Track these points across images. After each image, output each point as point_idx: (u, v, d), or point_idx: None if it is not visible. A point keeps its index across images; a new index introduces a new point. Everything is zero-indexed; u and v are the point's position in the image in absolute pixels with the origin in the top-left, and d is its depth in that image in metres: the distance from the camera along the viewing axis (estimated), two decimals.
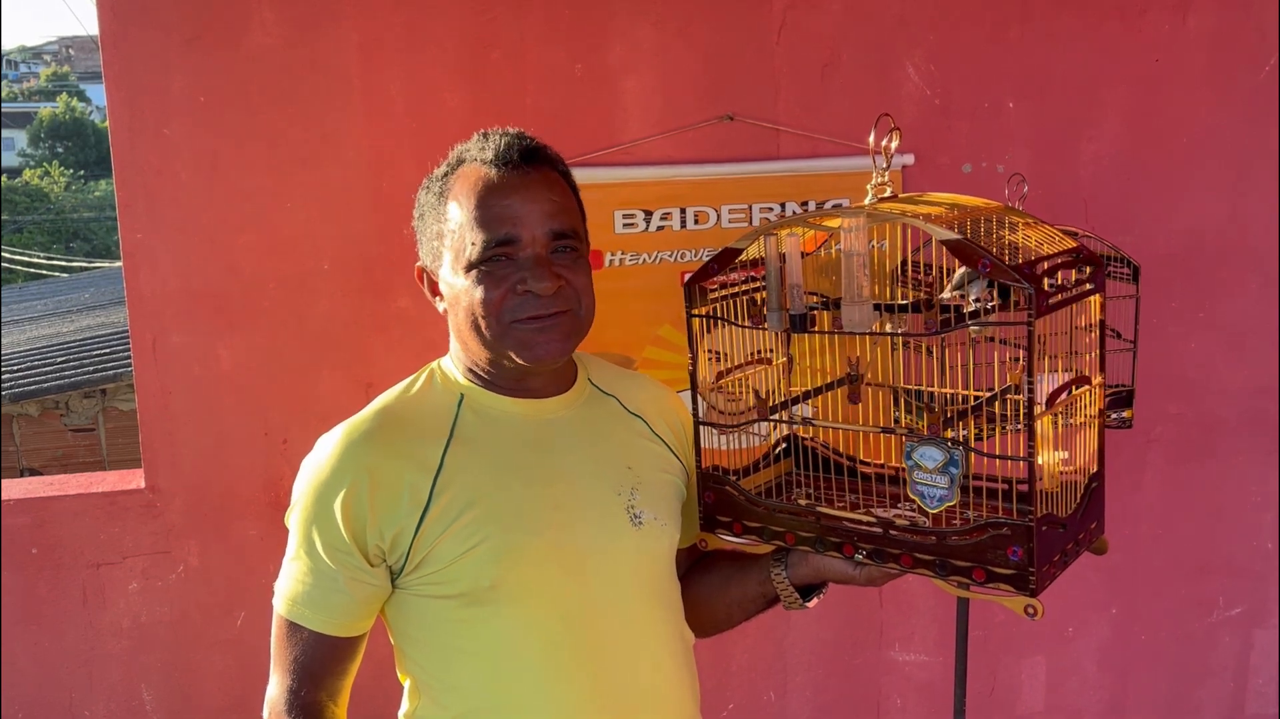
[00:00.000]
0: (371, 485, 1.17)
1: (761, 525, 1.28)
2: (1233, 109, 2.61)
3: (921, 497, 1.17)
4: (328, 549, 1.18)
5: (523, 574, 1.19)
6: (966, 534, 1.15)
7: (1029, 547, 1.11)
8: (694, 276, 1.28)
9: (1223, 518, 2.81)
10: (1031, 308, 1.07)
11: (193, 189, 2.18)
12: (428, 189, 1.27)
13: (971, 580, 1.15)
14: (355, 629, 1.22)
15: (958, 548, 1.15)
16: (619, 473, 1.28)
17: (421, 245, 1.28)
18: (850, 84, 2.41)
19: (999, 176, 2.47)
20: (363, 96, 2.22)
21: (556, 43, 2.28)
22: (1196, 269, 2.66)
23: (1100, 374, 1.25)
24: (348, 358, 2.28)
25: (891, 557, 1.19)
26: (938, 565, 1.16)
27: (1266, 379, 2.76)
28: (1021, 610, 1.14)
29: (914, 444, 1.17)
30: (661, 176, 2.33)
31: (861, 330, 1.18)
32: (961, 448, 1.15)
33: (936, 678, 2.67)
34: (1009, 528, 1.12)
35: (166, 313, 2.19)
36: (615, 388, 1.36)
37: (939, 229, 1.11)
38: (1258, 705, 2.93)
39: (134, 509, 2.23)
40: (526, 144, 1.23)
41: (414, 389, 1.28)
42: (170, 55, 2.14)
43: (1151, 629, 2.83)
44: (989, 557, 1.13)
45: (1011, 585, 1.13)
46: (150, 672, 2.30)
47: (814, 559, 1.26)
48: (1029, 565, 1.11)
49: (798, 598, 1.32)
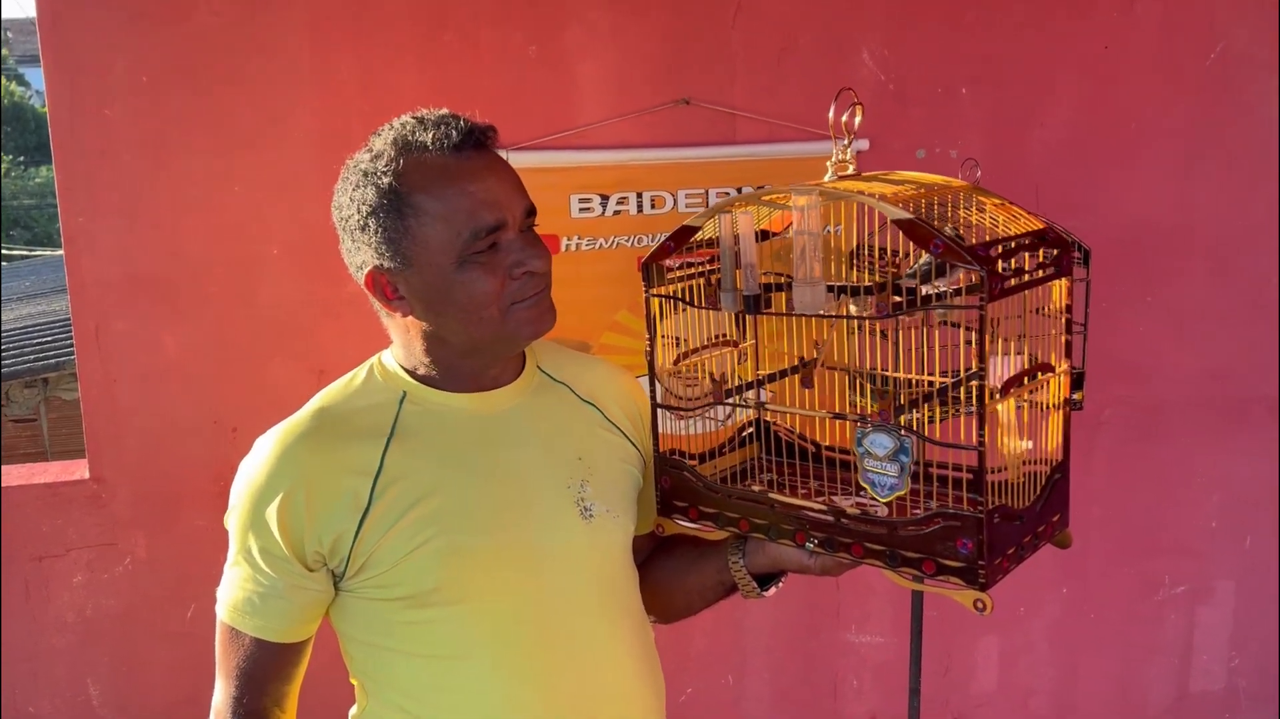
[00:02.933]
0: (308, 491, 1.14)
1: (717, 511, 1.26)
2: (1181, 95, 2.64)
3: (872, 485, 1.14)
4: (265, 556, 1.15)
5: (468, 575, 1.16)
6: (917, 525, 1.11)
7: (979, 539, 1.07)
8: (651, 255, 1.25)
9: (1169, 499, 2.86)
10: (984, 290, 1.03)
11: (136, 172, 2.12)
12: (366, 185, 1.15)
13: (921, 573, 1.12)
14: (298, 635, 1.19)
15: (908, 539, 1.12)
16: (569, 465, 1.25)
17: (367, 246, 1.16)
18: (806, 69, 2.41)
19: (953, 162, 2.48)
20: (312, 77, 2.18)
21: (510, 24, 2.25)
22: (1145, 254, 2.70)
23: (1065, 361, 1.21)
24: (298, 344, 2.24)
25: (843, 546, 1.16)
26: (888, 556, 1.13)
27: (1213, 363, 2.81)
28: (971, 605, 1.10)
29: (864, 431, 1.13)
30: (618, 161, 2.31)
31: (813, 312, 1.15)
32: (912, 435, 1.11)
33: (892, 659, 2.69)
34: (959, 519, 1.08)
35: (109, 300, 2.14)
36: (566, 374, 1.32)
37: (892, 208, 1.08)
38: (1204, 682, 3.00)
39: (78, 500, 2.18)
40: (474, 126, 1.18)
41: (353, 386, 1.23)
42: (112, 34, 2.08)
43: (1101, 608, 2.87)
44: (939, 548, 1.10)
45: (961, 579, 1.10)
46: (97, 666, 2.25)
47: (771, 548, 1.24)
48: (979, 559, 1.08)
49: (755, 587, 1.30)
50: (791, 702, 2.71)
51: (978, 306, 1.04)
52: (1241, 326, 2.81)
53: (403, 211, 1.13)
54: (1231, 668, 3.00)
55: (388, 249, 1.15)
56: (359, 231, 1.16)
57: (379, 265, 1.16)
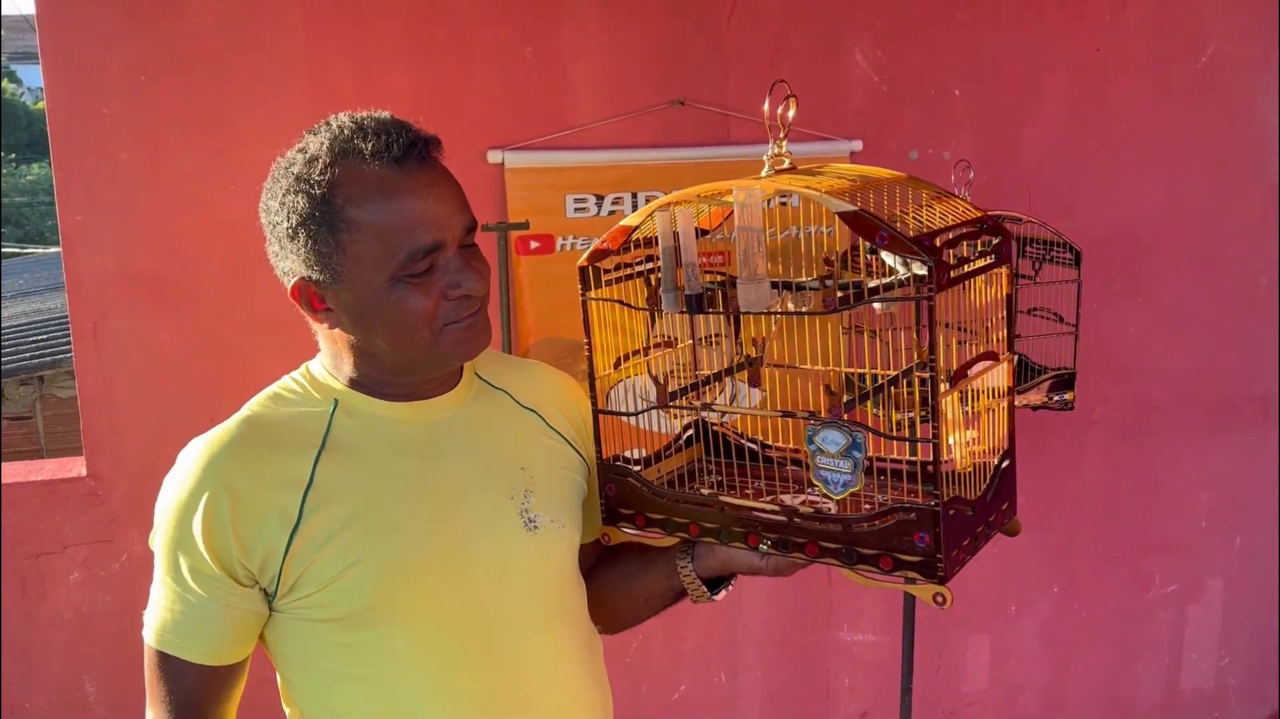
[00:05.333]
0: (233, 503, 1.07)
1: (665, 517, 1.22)
2: (1171, 96, 2.66)
3: (825, 482, 1.11)
4: (194, 574, 1.08)
5: (406, 593, 1.10)
6: (872, 520, 1.09)
7: (936, 532, 1.05)
8: (588, 257, 1.21)
9: (1159, 497, 2.88)
10: (931, 281, 1.00)
11: (132, 170, 2.13)
12: (298, 192, 1.07)
13: (878, 569, 1.09)
14: (233, 656, 1.12)
15: (864, 535, 1.09)
16: (511, 475, 1.19)
17: (294, 255, 1.09)
18: (800, 70, 2.42)
19: (945, 163, 2.50)
20: (307, 75, 2.19)
21: (506, 23, 2.26)
22: (1135, 254, 2.72)
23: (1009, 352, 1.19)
24: (293, 341, 2.21)
25: (797, 546, 1.13)
26: (844, 554, 1.11)
27: (1202, 362, 2.83)
28: (930, 599, 1.07)
29: (814, 428, 1.10)
30: (613, 161, 2.32)
31: (758, 310, 1.12)
32: (864, 430, 1.08)
33: (884, 657, 2.71)
34: (915, 513, 1.06)
35: (107, 297, 2.14)
36: (506, 381, 1.27)
37: (835, 201, 1.05)
38: (1193, 679, 3.02)
39: (75, 497, 2.19)
40: (417, 137, 1.10)
41: (282, 394, 1.17)
42: (109, 32, 2.08)
43: (1091, 607, 2.89)
44: (895, 543, 1.07)
45: (919, 573, 1.07)
46: (93, 663, 2.25)
47: (721, 551, 1.21)
48: (937, 552, 1.05)
49: (705, 591, 1.26)
50: (784, 700, 2.73)
51: (926, 298, 1.01)
52: (1231, 326, 2.83)
53: (335, 225, 1.06)
54: (1221, 666, 3.03)
55: (317, 261, 1.08)
56: (287, 239, 1.09)
57: (307, 277, 1.09)
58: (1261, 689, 3.07)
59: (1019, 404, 2.13)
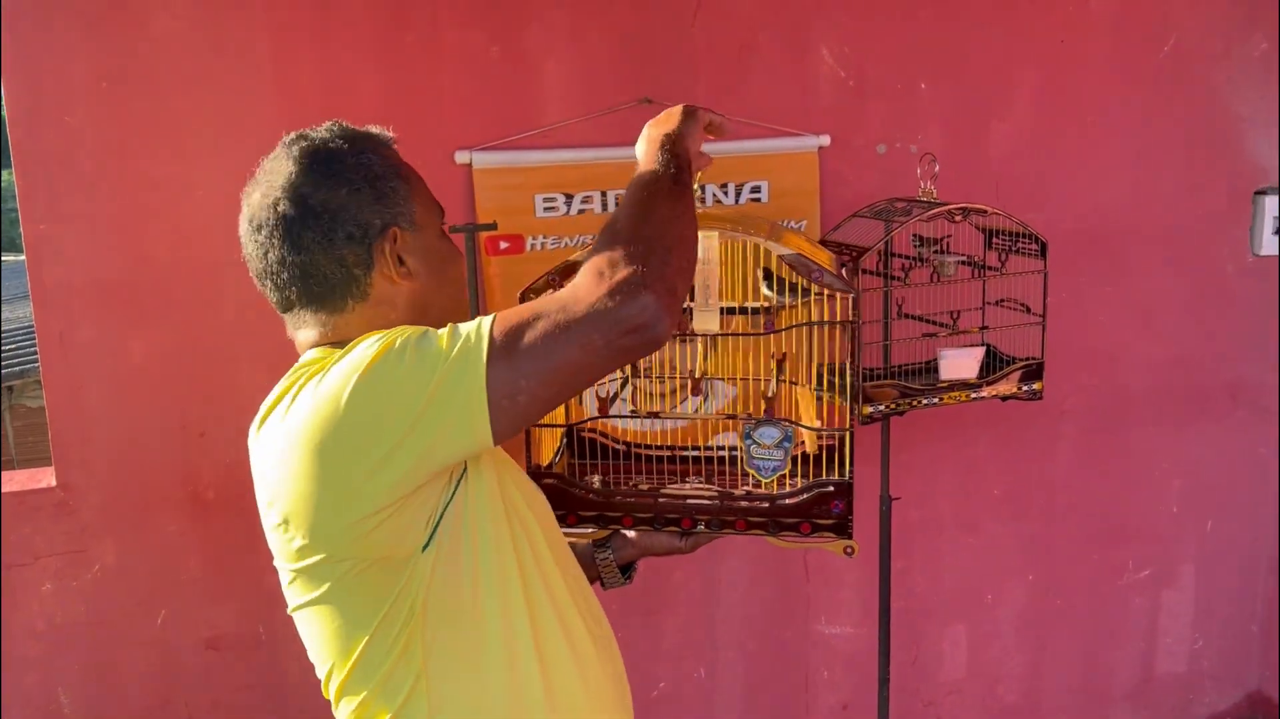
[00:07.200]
0: None
1: (597, 514, 1.40)
2: (1137, 86, 2.69)
3: (758, 469, 1.38)
4: None
5: None
6: (796, 495, 1.38)
7: (849, 500, 1.37)
8: (528, 288, 1.40)
9: (1132, 485, 2.91)
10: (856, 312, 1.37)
11: (97, 178, 2.11)
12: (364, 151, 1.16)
13: (799, 534, 1.38)
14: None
15: (787, 508, 1.38)
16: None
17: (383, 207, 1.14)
18: (767, 66, 2.43)
19: (912, 157, 2.51)
20: (274, 80, 2.18)
21: (472, 24, 2.26)
22: (1106, 244, 2.74)
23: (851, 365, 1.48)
24: (265, 347, 2.22)
25: (728, 524, 1.38)
26: (770, 525, 1.38)
27: (1172, 350, 2.86)
28: (841, 551, 1.39)
29: (751, 426, 1.38)
30: (582, 160, 2.32)
31: (712, 332, 1.38)
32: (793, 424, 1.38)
33: (862, 649, 2.72)
34: (834, 486, 1.37)
35: (74, 306, 2.13)
36: None
37: (777, 246, 1.33)
38: (1168, 664, 3.05)
39: (46, 508, 2.17)
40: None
41: None
42: (71, 39, 2.06)
43: (1066, 594, 2.92)
44: (814, 511, 1.37)
45: (833, 533, 1.39)
46: (67, 674, 2.24)
47: (642, 539, 1.38)
48: (849, 515, 1.38)
49: (620, 577, 1.43)
50: (764, 694, 2.74)
51: (853, 322, 1.39)
52: (1201, 314, 2.86)
53: (400, 175, 1.17)
54: (1195, 649, 3.06)
55: (402, 210, 1.15)
56: (372, 196, 1.14)
57: (398, 225, 1.15)
58: (1234, 672, 3.11)
59: (989, 394, 2.14)
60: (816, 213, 2.46)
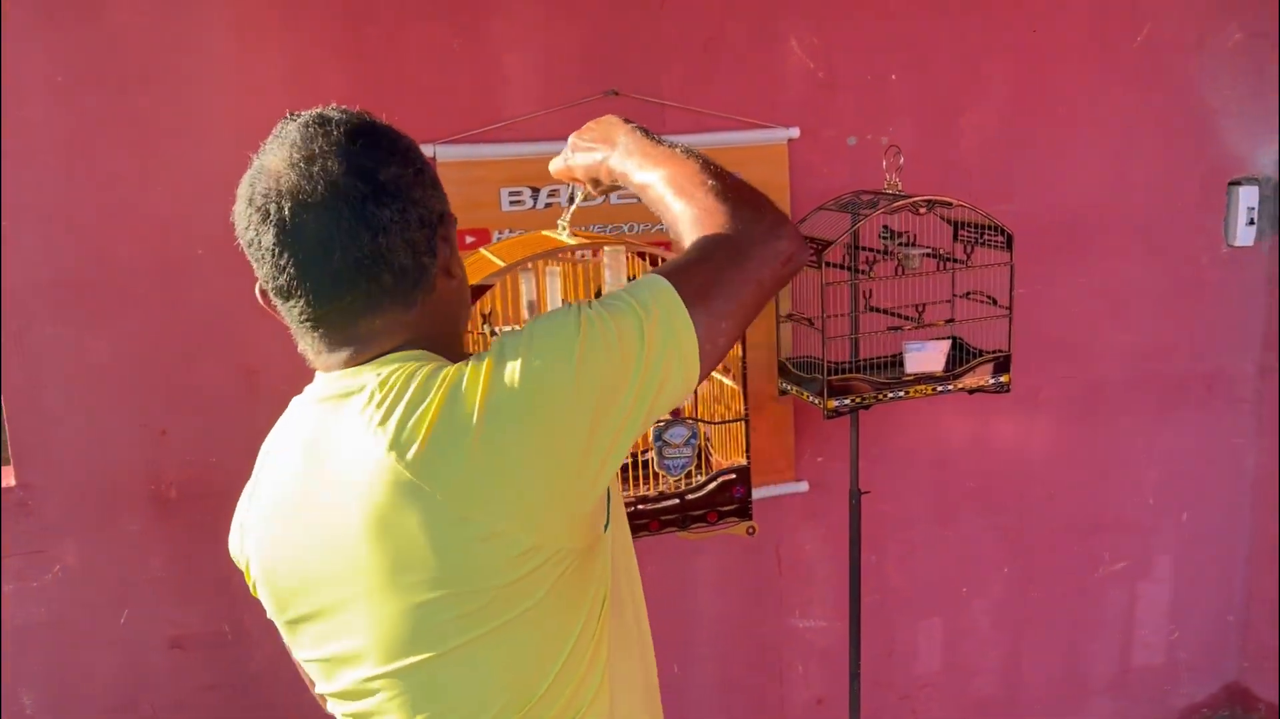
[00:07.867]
0: None
1: None
2: (1109, 76, 2.67)
3: (668, 469, 1.48)
4: None
5: None
6: (704, 487, 1.49)
7: (749, 484, 1.50)
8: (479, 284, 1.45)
9: (1107, 476, 2.90)
10: None
11: (56, 174, 2.08)
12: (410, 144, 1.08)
13: (706, 524, 1.48)
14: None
15: (694, 501, 1.48)
16: None
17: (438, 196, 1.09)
18: (735, 58, 2.41)
19: (882, 149, 2.49)
20: (235, 74, 2.15)
21: (436, 17, 2.23)
22: (1079, 235, 2.73)
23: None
24: (228, 344, 2.21)
25: (642, 527, 1.45)
26: (681, 520, 1.49)
27: (1148, 341, 2.85)
28: (745, 532, 1.51)
29: (661, 427, 1.46)
30: (547, 153, 2.25)
31: None
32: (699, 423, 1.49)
33: (836, 643, 2.71)
34: (736, 473, 1.49)
35: (32, 304, 2.10)
36: None
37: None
38: (1145, 656, 3.05)
39: (5, 508, 2.14)
40: None
41: None
42: (25, 32, 2.03)
43: (1042, 586, 2.91)
44: (718, 499, 1.48)
45: (736, 517, 1.51)
46: (30, 675, 2.21)
47: None
48: (749, 498, 1.51)
49: None
50: (738, 690, 2.73)
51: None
52: (1176, 305, 2.86)
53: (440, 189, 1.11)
54: (1172, 640, 3.06)
55: (446, 199, 1.11)
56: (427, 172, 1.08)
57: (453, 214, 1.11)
58: (1212, 663, 3.11)
59: (957, 388, 2.13)
60: (786, 205, 2.44)
